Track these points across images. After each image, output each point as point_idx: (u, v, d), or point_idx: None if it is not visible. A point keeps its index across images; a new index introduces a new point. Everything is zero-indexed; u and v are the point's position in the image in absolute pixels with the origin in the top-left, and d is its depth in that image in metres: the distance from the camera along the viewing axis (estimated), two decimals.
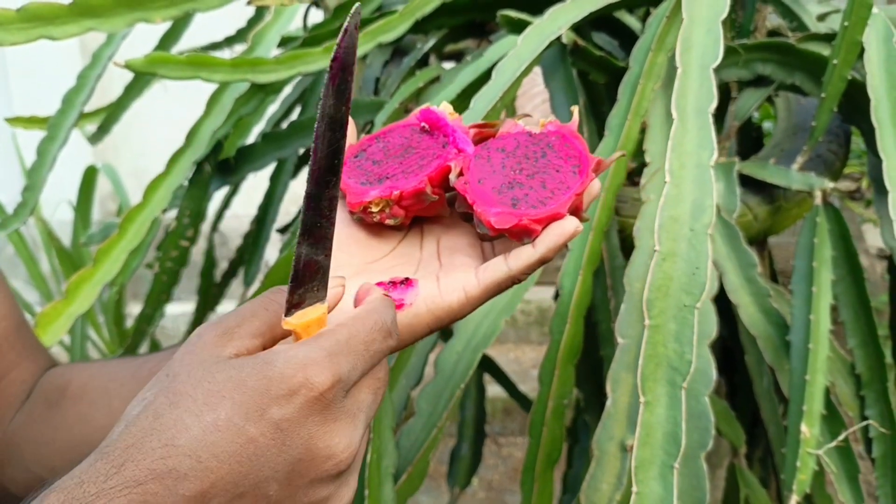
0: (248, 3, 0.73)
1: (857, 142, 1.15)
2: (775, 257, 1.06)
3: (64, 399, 0.54)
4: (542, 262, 0.42)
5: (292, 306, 0.37)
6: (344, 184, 0.44)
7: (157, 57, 0.65)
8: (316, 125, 0.37)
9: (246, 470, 0.33)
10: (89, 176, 1.95)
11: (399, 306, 0.42)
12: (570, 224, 0.41)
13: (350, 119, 0.48)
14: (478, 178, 0.43)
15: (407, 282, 0.43)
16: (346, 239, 0.45)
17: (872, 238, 2.53)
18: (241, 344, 0.37)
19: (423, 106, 0.46)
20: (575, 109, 0.45)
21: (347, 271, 0.44)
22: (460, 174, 0.43)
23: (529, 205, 0.42)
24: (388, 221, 0.44)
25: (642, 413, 0.48)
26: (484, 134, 0.45)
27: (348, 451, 0.35)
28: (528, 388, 1.58)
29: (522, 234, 0.42)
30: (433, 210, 0.45)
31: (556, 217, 0.41)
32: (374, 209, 0.43)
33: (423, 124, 0.45)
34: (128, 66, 0.64)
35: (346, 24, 0.37)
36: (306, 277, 0.37)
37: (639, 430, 0.47)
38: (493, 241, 0.45)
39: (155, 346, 1.63)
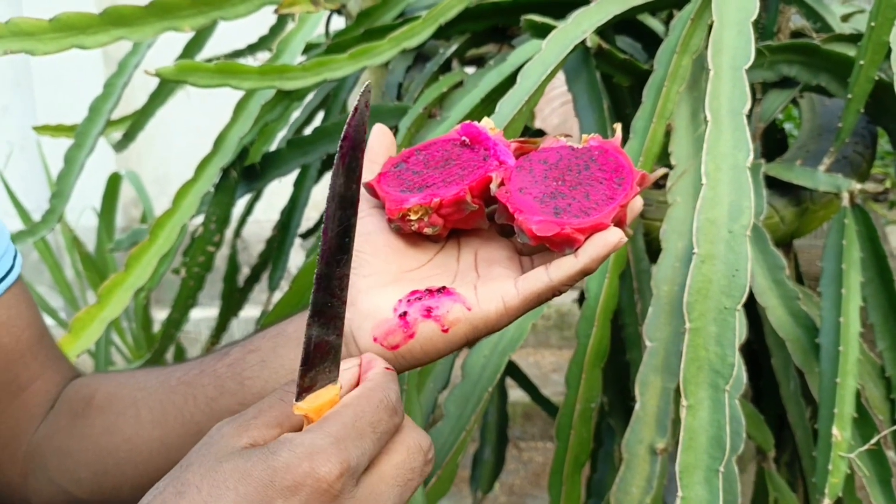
0: (275, 11, 0.74)
1: (881, 143, 1.14)
2: (800, 260, 1.05)
3: (90, 409, 0.53)
4: (585, 273, 0.40)
5: (303, 390, 0.36)
6: (383, 192, 0.44)
7: (187, 65, 0.66)
8: (326, 204, 0.36)
9: None
10: (113, 183, 1.97)
11: (434, 319, 0.41)
12: (614, 235, 0.40)
13: (388, 129, 0.48)
14: (519, 188, 0.43)
15: (443, 290, 0.42)
16: (384, 246, 0.44)
17: None
18: (258, 434, 0.36)
19: (465, 122, 0.46)
20: (618, 127, 0.45)
21: (384, 279, 0.43)
22: (501, 184, 0.43)
23: (572, 214, 0.41)
24: (427, 230, 0.44)
25: (685, 417, 0.48)
26: (525, 149, 0.45)
27: None
28: (549, 392, 1.57)
29: (564, 244, 0.41)
30: (472, 221, 0.45)
31: (599, 228, 0.40)
32: (413, 217, 0.43)
33: (463, 138, 0.45)
34: (158, 75, 0.65)
35: (356, 102, 0.36)
36: (317, 359, 0.36)
37: (683, 435, 0.47)
38: (532, 254, 0.44)
39: (179, 351, 1.64)
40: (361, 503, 0.34)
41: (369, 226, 0.44)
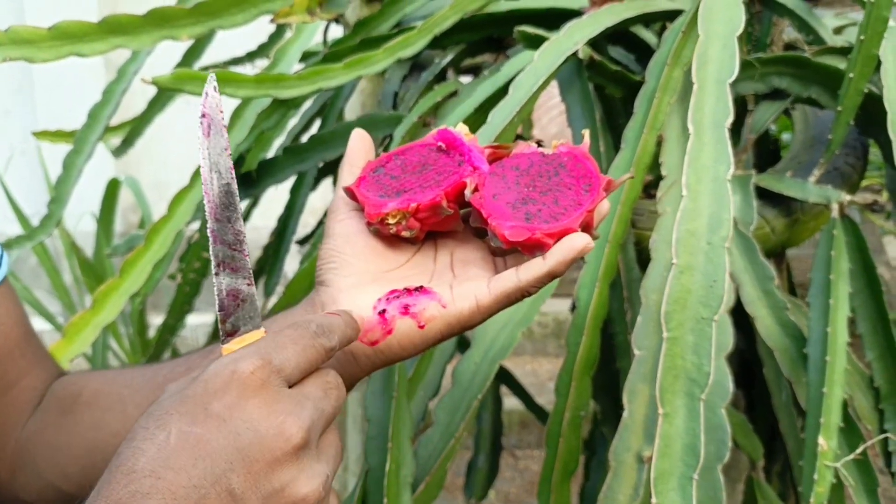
0: (272, 20, 0.75)
1: (878, 153, 1.15)
2: (794, 270, 1.06)
3: (77, 405, 0.54)
4: (552, 275, 0.42)
5: (227, 335, 0.40)
6: (362, 196, 0.46)
7: (184, 74, 0.67)
8: (201, 170, 0.41)
9: (202, 470, 0.34)
10: (112, 188, 1.98)
11: (411, 315, 0.43)
12: (580, 239, 0.42)
13: (366, 134, 0.50)
14: (493, 194, 0.44)
15: (421, 289, 0.44)
16: (364, 248, 0.46)
17: (893, 250, 2.51)
18: None
19: (440, 127, 0.48)
20: (586, 133, 0.47)
21: (365, 278, 0.45)
22: (475, 190, 0.45)
23: (542, 220, 0.43)
24: (404, 233, 0.45)
25: (661, 425, 0.48)
26: (498, 154, 0.47)
27: (297, 428, 0.36)
28: (546, 400, 1.57)
29: (535, 248, 0.43)
30: (447, 224, 0.46)
31: (567, 232, 0.42)
32: (391, 221, 0.45)
33: (439, 143, 0.47)
34: (155, 83, 0.66)
35: (206, 88, 0.41)
36: (232, 306, 0.40)
37: (658, 442, 0.48)
38: (505, 255, 0.46)
39: (175, 356, 1.65)
40: (288, 395, 0.37)
41: (349, 228, 0.47)
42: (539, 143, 0.47)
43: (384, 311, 0.43)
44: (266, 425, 0.35)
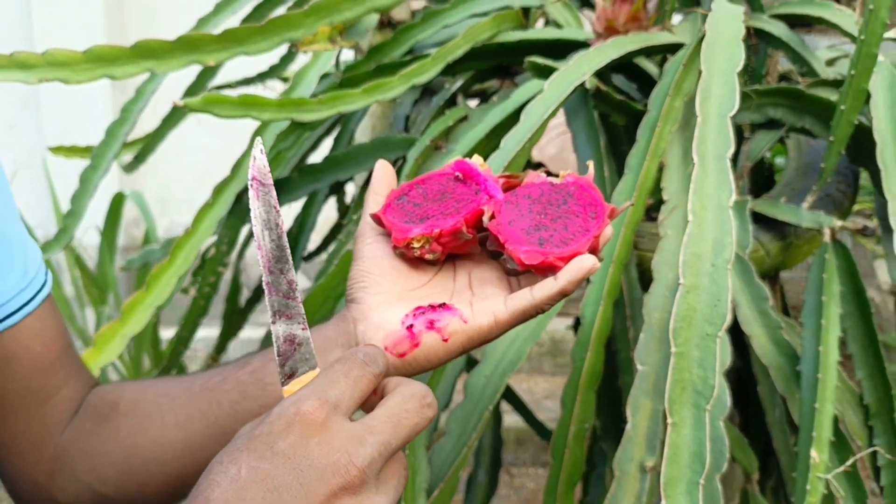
0: (297, 49, 0.78)
1: (868, 179, 1.19)
2: (788, 292, 1.10)
3: (115, 413, 0.57)
4: (563, 294, 0.47)
5: (287, 377, 0.43)
6: (389, 222, 0.50)
7: (212, 98, 0.71)
8: (254, 228, 0.44)
9: (270, 502, 0.37)
10: (117, 202, 2.01)
11: (436, 330, 0.47)
12: (588, 261, 0.46)
13: (389, 165, 0.54)
14: (508, 220, 0.49)
15: (444, 306, 0.48)
16: (389, 269, 0.50)
17: (884, 274, 2.55)
18: None
19: (457, 157, 0.52)
20: (591, 164, 0.52)
21: (392, 296, 0.50)
22: (492, 217, 0.49)
23: (554, 244, 0.47)
24: (427, 256, 0.50)
25: (670, 434, 0.52)
26: (511, 183, 0.52)
27: (353, 464, 0.38)
28: (543, 417, 1.60)
29: (547, 270, 0.47)
30: (466, 248, 0.51)
31: (576, 255, 0.47)
32: (416, 245, 0.49)
33: (457, 173, 0.51)
34: (186, 106, 0.69)
35: (254, 151, 0.45)
36: (290, 350, 0.43)
37: (667, 451, 0.51)
38: (518, 276, 0.50)
39: (180, 368, 1.67)
40: (346, 430, 0.39)
41: (376, 251, 0.51)
42: (548, 174, 0.52)
43: (412, 325, 0.48)
44: (325, 462, 0.38)
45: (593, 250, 0.48)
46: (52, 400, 0.57)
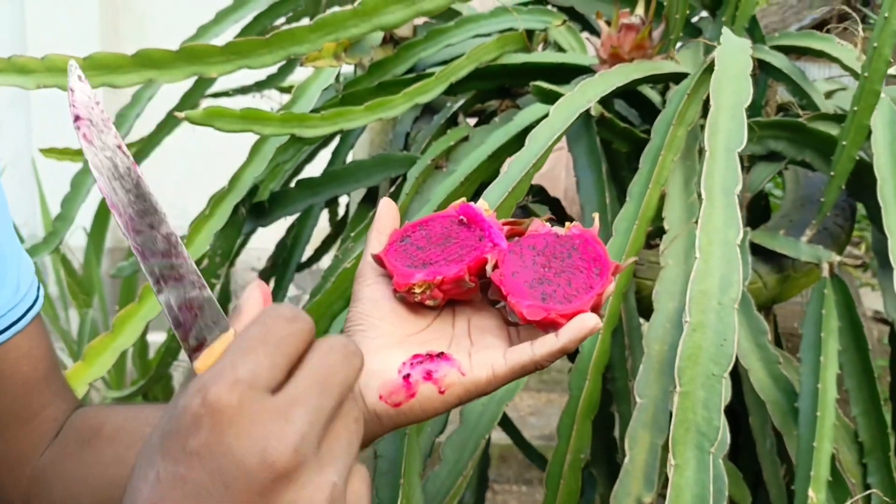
0: (301, 64, 0.78)
1: (858, 208, 1.20)
2: (779, 317, 1.10)
3: (98, 440, 0.55)
4: (564, 351, 0.46)
5: (195, 350, 0.35)
6: (391, 265, 0.49)
7: (214, 111, 0.70)
8: (98, 183, 0.35)
9: None
10: (105, 205, 1.98)
11: (433, 381, 0.46)
12: (591, 320, 0.45)
13: (394, 204, 0.52)
14: (512, 272, 0.48)
15: (442, 355, 0.47)
16: (389, 312, 0.49)
17: (869, 301, 2.57)
18: None
19: (462, 200, 0.51)
20: (596, 217, 0.51)
21: (390, 340, 0.48)
22: (496, 266, 0.48)
23: (557, 300, 0.47)
24: (428, 302, 0.49)
25: (672, 476, 0.51)
26: (515, 230, 0.51)
27: (282, 450, 0.32)
28: (528, 434, 1.59)
29: (549, 326, 0.47)
30: (467, 295, 0.50)
31: (579, 313, 0.46)
32: (417, 290, 0.48)
33: (461, 217, 0.51)
34: (188, 119, 0.68)
35: (69, 81, 0.36)
36: (190, 318, 0.35)
37: (669, 492, 0.51)
38: (517, 325, 0.49)
39: (167, 380, 1.65)
40: (269, 410, 0.32)
41: (376, 293, 0.50)
42: (551, 220, 0.51)
43: (408, 375, 0.46)
44: (247, 454, 0.32)
45: (596, 308, 0.47)
46: (33, 421, 0.55)
